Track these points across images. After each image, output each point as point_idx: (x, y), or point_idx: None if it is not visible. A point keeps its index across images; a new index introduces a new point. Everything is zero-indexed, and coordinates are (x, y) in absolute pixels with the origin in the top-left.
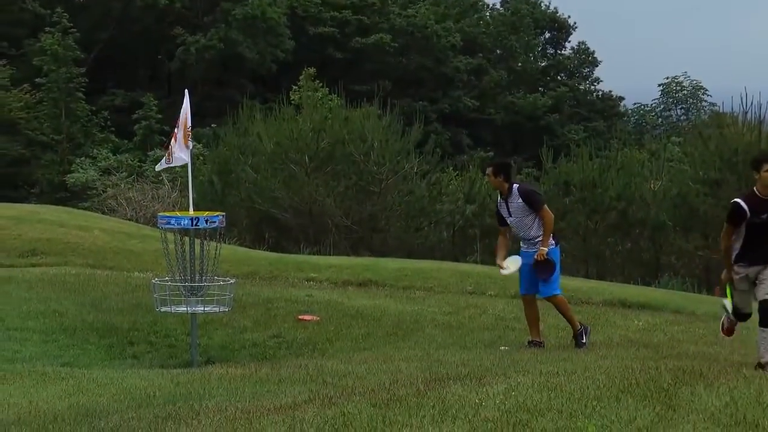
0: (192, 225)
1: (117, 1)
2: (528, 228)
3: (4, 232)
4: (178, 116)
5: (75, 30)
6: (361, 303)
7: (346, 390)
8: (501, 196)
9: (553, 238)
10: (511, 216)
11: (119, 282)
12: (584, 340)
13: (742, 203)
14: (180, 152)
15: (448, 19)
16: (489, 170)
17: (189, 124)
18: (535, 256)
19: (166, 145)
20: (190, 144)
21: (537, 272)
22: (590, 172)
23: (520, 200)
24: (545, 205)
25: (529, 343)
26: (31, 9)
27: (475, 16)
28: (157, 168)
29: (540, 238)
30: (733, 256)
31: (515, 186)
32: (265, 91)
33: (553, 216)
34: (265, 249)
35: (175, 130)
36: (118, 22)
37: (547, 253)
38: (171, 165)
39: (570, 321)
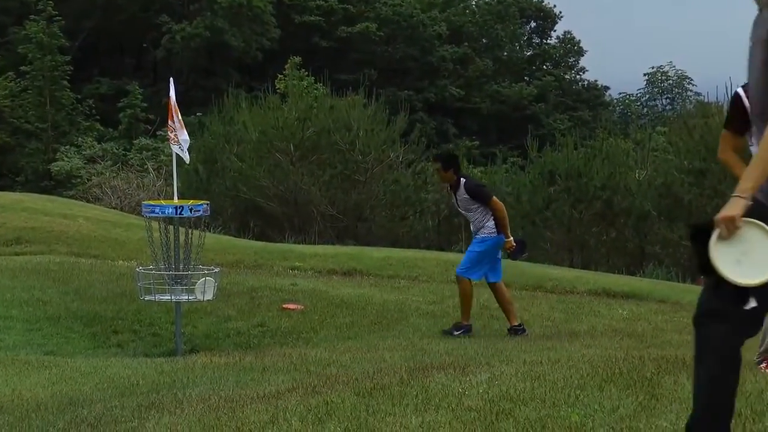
0: (176, 213)
1: None
2: (474, 218)
3: None
4: (168, 104)
5: (60, 18)
6: (345, 292)
7: (329, 379)
8: (449, 188)
9: (496, 227)
10: (459, 208)
11: (103, 270)
12: (456, 333)
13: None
14: (181, 135)
15: (434, 8)
16: (437, 165)
17: (176, 115)
18: (506, 249)
19: (173, 134)
20: (186, 135)
21: (513, 257)
22: (575, 161)
23: (466, 195)
24: (494, 197)
25: (509, 330)
26: None
27: (461, 5)
28: (186, 158)
29: (491, 227)
30: None
31: (463, 180)
32: (251, 80)
33: (503, 205)
34: (250, 238)
35: (171, 121)
36: (104, 10)
37: (482, 241)
38: (183, 148)
39: (463, 311)
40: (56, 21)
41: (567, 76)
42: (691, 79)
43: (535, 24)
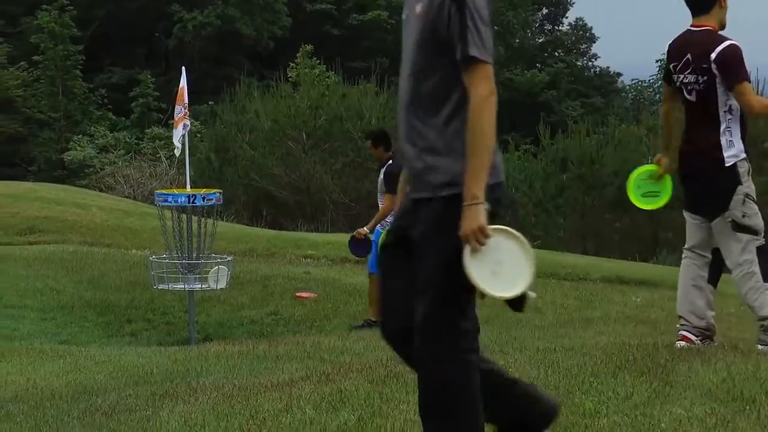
0: (189, 202)
1: None
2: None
3: (1, 209)
4: (177, 94)
5: (72, 7)
6: (358, 280)
7: (343, 367)
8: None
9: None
10: (378, 186)
11: (117, 259)
12: (362, 326)
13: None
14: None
15: None
16: (369, 142)
17: (186, 101)
18: (354, 233)
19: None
20: (188, 123)
21: (350, 245)
22: (588, 148)
23: (381, 176)
24: (390, 195)
25: (366, 321)
26: None
27: None
28: (177, 142)
29: (389, 221)
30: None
31: (389, 162)
32: (263, 69)
33: (391, 208)
34: (262, 226)
35: (180, 108)
36: None
37: (367, 236)
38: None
39: (371, 305)
40: (68, 11)
41: (579, 63)
42: None
43: (546, 11)
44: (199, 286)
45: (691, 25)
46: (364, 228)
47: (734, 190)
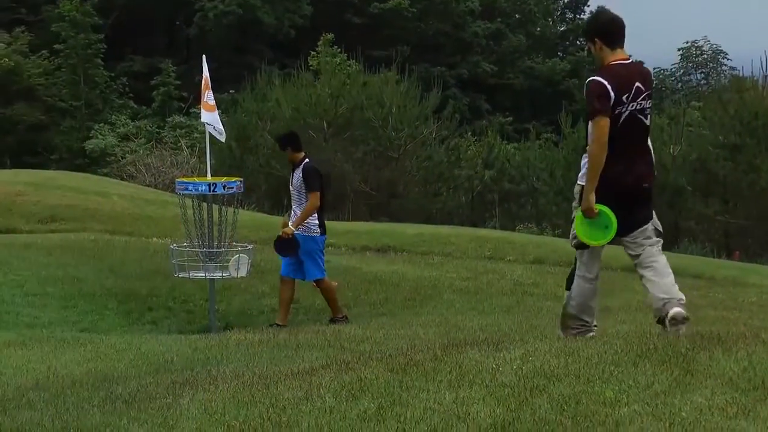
0: (210, 191)
1: None
2: (300, 206)
3: (23, 198)
4: (202, 82)
5: None
6: (379, 268)
7: (363, 355)
8: (292, 168)
9: (320, 227)
10: (292, 187)
11: (138, 248)
12: (333, 319)
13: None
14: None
15: None
16: (277, 146)
17: (204, 88)
18: (280, 232)
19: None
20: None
21: (276, 247)
22: None
23: (300, 174)
24: (317, 192)
25: (271, 325)
26: None
27: None
28: (221, 137)
29: (313, 224)
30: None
31: (305, 162)
32: (284, 57)
33: (317, 205)
34: (283, 215)
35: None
36: None
37: (311, 239)
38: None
39: (332, 308)
40: None
41: None
42: (726, 54)
43: None
44: (220, 274)
45: (619, 59)
46: (290, 227)
47: None
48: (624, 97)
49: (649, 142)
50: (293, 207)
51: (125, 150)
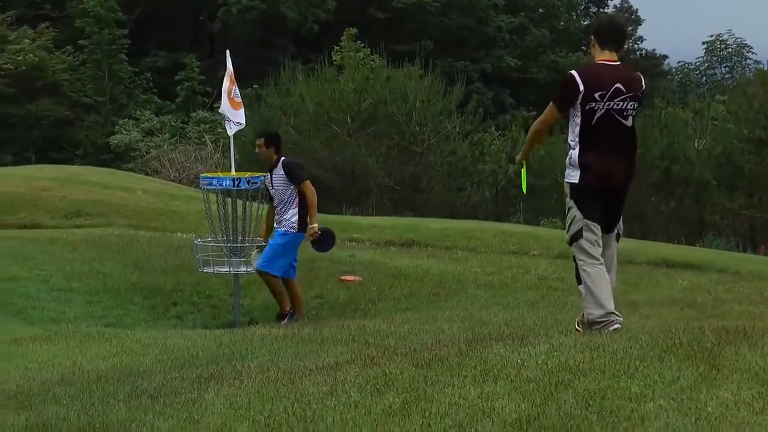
0: (234, 186)
1: None
2: (284, 205)
3: (48, 193)
4: (227, 77)
5: None
6: (403, 263)
7: (387, 350)
8: (268, 168)
9: (300, 223)
10: (273, 188)
11: (162, 243)
12: (284, 322)
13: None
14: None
15: None
16: (261, 140)
17: (227, 84)
18: (308, 236)
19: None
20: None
21: (315, 247)
22: None
23: (282, 172)
24: (308, 181)
25: (279, 316)
26: None
27: None
28: (232, 130)
29: (293, 222)
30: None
31: (282, 159)
32: (307, 52)
33: (314, 192)
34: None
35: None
36: None
37: (284, 234)
38: (237, 129)
39: (279, 302)
40: None
41: (625, 45)
42: (751, 48)
43: None
44: (245, 269)
45: (605, 59)
46: (313, 225)
47: None
48: (597, 95)
49: (634, 144)
50: (278, 209)
51: (149, 145)
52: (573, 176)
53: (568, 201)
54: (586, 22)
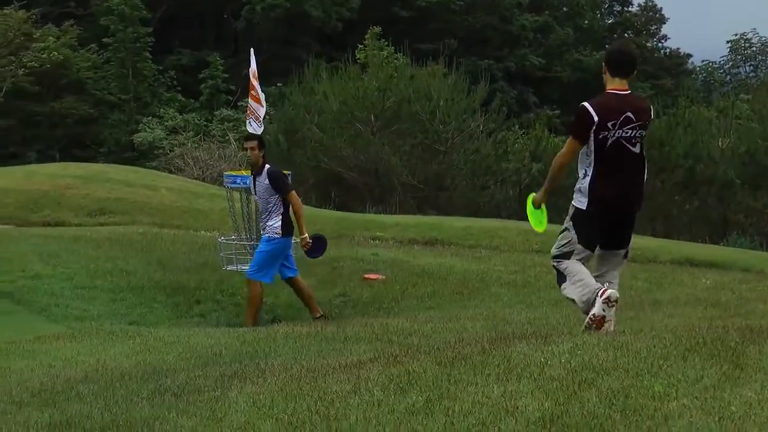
0: None
1: None
2: (268, 213)
3: (72, 191)
4: (248, 75)
5: None
6: (426, 262)
7: (411, 348)
8: (252, 171)
9: (284, 227)
10: (256, 195)
11: (186, 241)
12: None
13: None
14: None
15: None
16: (253, 143)
17: (256, 83)
18: (302, 247)
19: (255, 100)
20: (264, 104)
21: (310, 254)
22: (657, 130)
23: (267, 181)
24: (293, 191)
25: (314, 320)
26: None
27: None
28: (254, 130)
29: (276, 227)
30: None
31: (267, 166)
32: (331, 50)
33: (300, 202)
34: (330, 208)
35: (254, 91)
36: None
37: (268, 240)
38: (256, 128)
39: (248, 313)
40: None
41: (649, 44)
42: None
43: None
44: None
45: (616, 88)
46: (304, 236)
47: None
48: (609, 124)
49: (643, 170)
50: (263, 216)
51: (173, 143)
52: (581, 202)
53: (567, 221)
54: (610, 21)
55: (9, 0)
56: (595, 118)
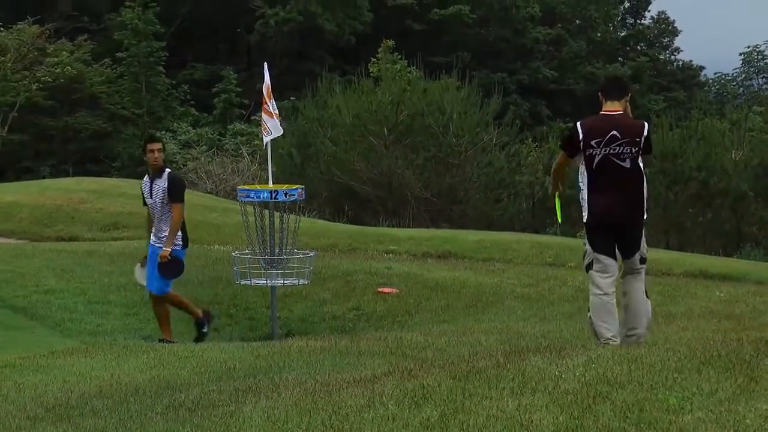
0: (271, 198)
1: None
2: (164, 219)
3: (86, 205)
4: (261, 89)
5: (155, 4)
6: (440, 275)
7: (425, 362)
8: (149, 174)
9: (182, 240)
10: (151, 198)
11: (200, 255)
12: (205, 330)
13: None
14: (272, 124)
15: None
16: (159, 145)
17: (267, 96)
18: (158, 257)
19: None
20: (276, 118)
21: (161, 270)
22: (670, 142)
23: (165, 184)
24: (181, 204)
25: (160, 341)
26: None
27: None
28: (268, 138)
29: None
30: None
31: (168, 171)
32: (344, 64)
33: (182, 218)
34: (344, 221)
35: (266, 105)
36: None
37: (171, 253)
38: (273, 136)
39: (190, 313)
40: (151, 7)
41: (661, 57)
42: None
43: (628, 4)
44: (282, 281)
45: (608, 110)
46: (166, 249)
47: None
48: (593, 142)
49: (638, 182)
50: (156, 222)
51: (186, 157)
52: (584, 215)
53: (584, 234)
54: (623, 33)
55: (23, 15)
56: (581, 136)
